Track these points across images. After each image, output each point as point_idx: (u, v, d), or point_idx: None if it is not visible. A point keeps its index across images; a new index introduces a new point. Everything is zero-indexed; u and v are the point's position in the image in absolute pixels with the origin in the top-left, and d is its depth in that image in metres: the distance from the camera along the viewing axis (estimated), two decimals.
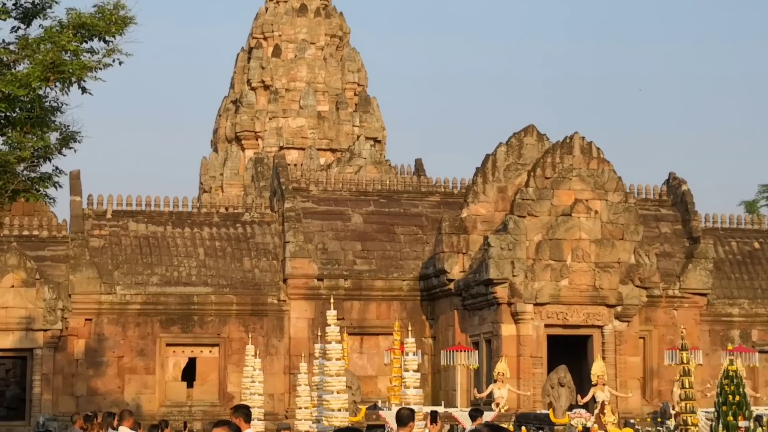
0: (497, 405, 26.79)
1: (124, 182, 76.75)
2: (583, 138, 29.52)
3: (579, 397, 26.32)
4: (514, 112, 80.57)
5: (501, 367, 27.29)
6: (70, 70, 17.80)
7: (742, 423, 20.81)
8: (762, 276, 34.29)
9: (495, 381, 27.32)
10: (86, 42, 18.17)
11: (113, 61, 18.28)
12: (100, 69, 18.22)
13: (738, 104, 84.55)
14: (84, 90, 18.33)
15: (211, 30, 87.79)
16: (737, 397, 20.95)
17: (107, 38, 18.17)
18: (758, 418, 23.16)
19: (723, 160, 79.64)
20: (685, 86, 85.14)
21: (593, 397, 26.14)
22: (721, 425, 20.95)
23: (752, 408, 22.04)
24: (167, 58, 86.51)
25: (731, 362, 21.50)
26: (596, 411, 25.78)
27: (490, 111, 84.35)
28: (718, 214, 35.51)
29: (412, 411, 11.96)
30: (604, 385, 26.27)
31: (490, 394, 27.51)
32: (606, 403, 25.66)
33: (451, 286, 30.15)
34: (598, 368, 26.56)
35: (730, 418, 20.79)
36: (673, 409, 25.63)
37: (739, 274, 34.20)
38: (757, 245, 35.04)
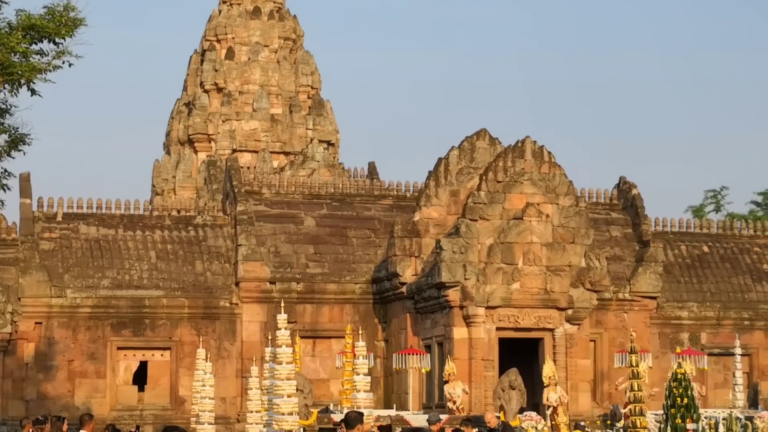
0: (453, 403, 26.97)
1: (75, 185, 76.13)
2: (535, 142, 29.71)
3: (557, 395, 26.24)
4: (467, 116, 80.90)
5: (450, 367, 27.45)
6: (19, 72, 17.72)
7: (690, 425, 21.01)
8: (711, 279, 34.65)
9: (446, 381, 27.45)
10: (36, 44, 18.10)
11: (63, 62, 18.22)
12: (50, 71, 18.16)
13: (686, 111, 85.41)
14: (33, 92, 18.25)
15: (164, 32, 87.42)
16: (685, 400, 21.16)
17: (57, 40, 18.11)
18: (716, 424, 23.43)
19: (671, 165, 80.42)
20: (635, 92, 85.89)
21: (546, 399, 26.31)
22: (669, 428, 21.15)
23: (701, 411, 22.26)
24: (119, 60, 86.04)
25: (680, 365, 21.72)
26: (549, 412, 25.94)
27: (443, 115, 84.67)
28: (668, 218, 35.86)
29: (360, 414, 12.01)
30: (556, 385, 26.45)
31: (442, 396, 27.62)
32: (559, 402, 25.82)
33: (404, 289, 30.23)
34: (548, 369, 26.73)
35: (679, 420, 20.99)
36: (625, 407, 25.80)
37: (688, 277, 34.54)
38: (706, 249, 35.41)
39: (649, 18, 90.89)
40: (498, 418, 23.17)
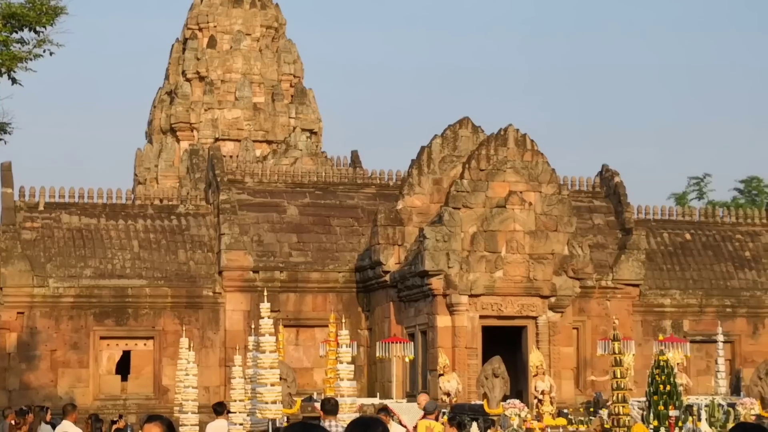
0: (447, 395, 26.97)
1: (57, 174, 75.93)
2: (517, 130, 29.71)
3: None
4: (450, 104, 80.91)
5: (443, 359, 27.43)
6: (0, 61, 17.61)
7: (672, 412, 21.10)
8: (693, 267, 34.74)
9: (441, 374, 27.39)
10: (16, 32, 18.01)
11: (44, 51, 18.15)
12: (31, 59, 18.08)
13: (669, 99, 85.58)
14: (14, 81, 18.17)
15: (146, 20, 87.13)
16: (668, 387, 21.24)
17: (38, 28, 18.02)
18: (689, 407, 23.51)
19: (654, 153, 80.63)
20: (618, 79, 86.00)
21: (534, 388, 26.35)
22: (652, 415, 21.23)
23: (683, 397, 22.32)
24: (100, 49, 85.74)
25: (662, 352, 21.78)
26: (535, 401, 25.96)
27: (426, 103, 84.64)
28: (651, 206, 35.94)
29: (337, 401, 12.02)
30: (543, 374, 26.47)
31: (426, 384, 27.58)
32: (546, 392, 25.86)
33: (387, 278, 30.22)
34: (536, 358, 26.73)
35: (661, 407, 21.07)
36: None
37: (670, 265, 34.63)
38: (688, 236, 35.49)
39: (632, 4, 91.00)
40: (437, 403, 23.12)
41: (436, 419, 20.02)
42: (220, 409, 20.25)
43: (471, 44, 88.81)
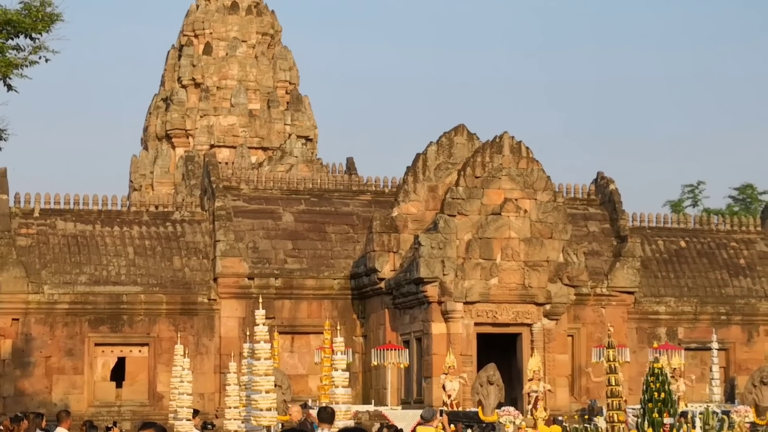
0: (449, 397, 27.00)
1: (52, 180, 75.89)
2: (513, 137, 29.76)
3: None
4: (445, 112, 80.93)
5: (450, 360, 27.47)
6: None
7: (667, 420, 21.10)
8: (688, 274, 34.78)
9: (446, 374, 27.41)
10: (12, 39, 18.04)
11: (40, 58, 18.17)
12: (27, 66, 18.10)
13: (664, 107, 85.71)
14: (10, 87, 18.20)
15: (142, 27, 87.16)
16: (662, 395, 21.24)
17: (33, 35, 18.04)
18: (683, 414, 23.52)
19: (649, 160, 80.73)
20: (613, 88, 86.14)
21: (527, 394, 26.36)
22: (646, 422, 21.23)
23: (682, 402, 22.33)
24: (96, 55, 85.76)
25: (657, 360, 21.76)
26: (530, 406, 25.99)
27: (422, 110, 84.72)
28: (645, 213, 35.98)
29: (333, 410, 12.06)
30: (539, 380, 26.50)
31: (421, 391, 27.57)
32: (540, 397, 25.86)
33: (382, 284, 30.24)
34: (534, 363, 26.78)
35: (656, 415, 21.07)
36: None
37: (665, 272, 34.66)
38: (683, 244, 35.53)
39: (628, 14, 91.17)
40: (305, 413, 23.05)
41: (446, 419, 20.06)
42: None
43: (467, 52, 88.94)
